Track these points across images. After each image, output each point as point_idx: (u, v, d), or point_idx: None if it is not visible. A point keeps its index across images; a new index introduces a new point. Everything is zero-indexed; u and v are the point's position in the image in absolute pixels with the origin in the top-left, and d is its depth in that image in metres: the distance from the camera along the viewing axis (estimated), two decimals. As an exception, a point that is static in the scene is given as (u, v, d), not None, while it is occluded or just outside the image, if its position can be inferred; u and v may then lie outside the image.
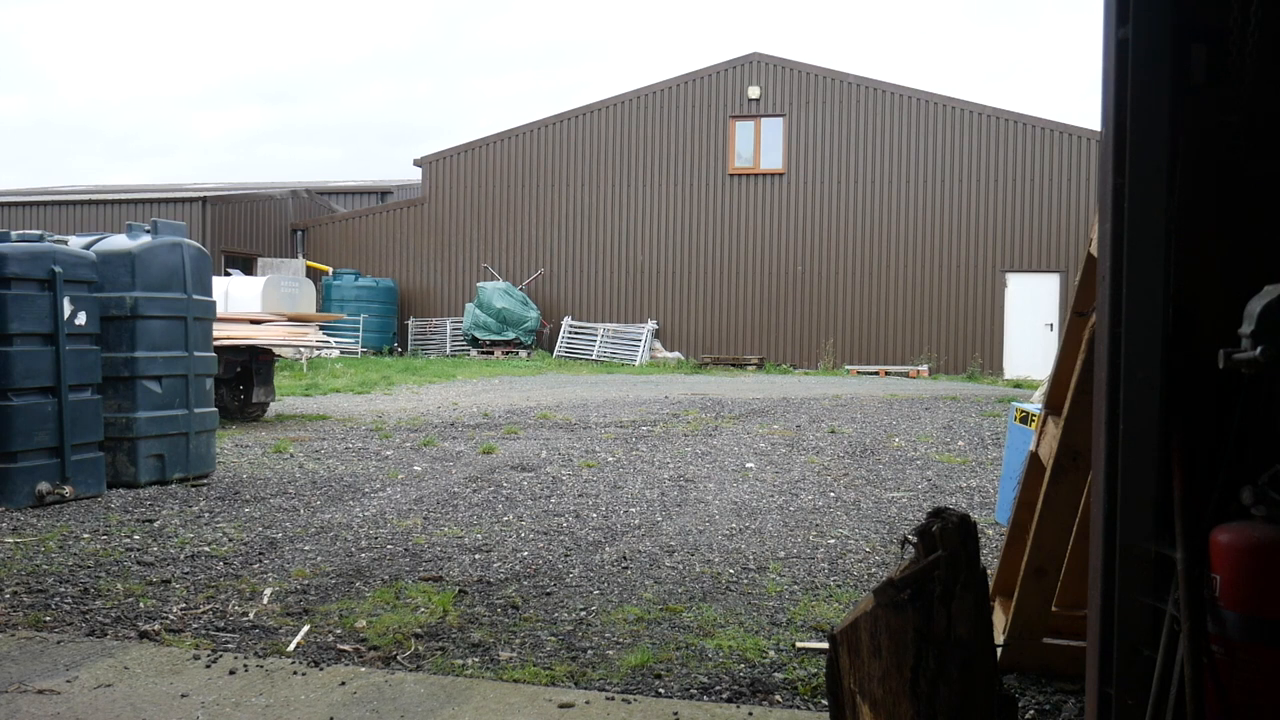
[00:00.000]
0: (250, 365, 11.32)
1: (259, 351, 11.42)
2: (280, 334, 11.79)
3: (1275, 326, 1.96)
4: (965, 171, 22.52)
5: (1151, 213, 2.17)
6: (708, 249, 23.79)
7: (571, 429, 10.77)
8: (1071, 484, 3.23)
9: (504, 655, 3.79)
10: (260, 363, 11.44)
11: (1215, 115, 2.18)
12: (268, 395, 11.59)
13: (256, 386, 11.42)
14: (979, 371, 21.81)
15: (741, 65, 23.73)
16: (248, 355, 11.28)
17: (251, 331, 11.47)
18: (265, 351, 11.51)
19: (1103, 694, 2.22)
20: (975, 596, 2.33)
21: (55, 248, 6.67)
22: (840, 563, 5.24)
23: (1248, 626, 2.00)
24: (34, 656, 3.73)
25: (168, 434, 7.34)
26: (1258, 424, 2.15)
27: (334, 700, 3.34)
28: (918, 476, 7.98)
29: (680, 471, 8.08)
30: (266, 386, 11.55)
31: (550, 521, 6.15)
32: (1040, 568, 3.37)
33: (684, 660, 3.75)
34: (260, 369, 11.42)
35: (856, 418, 12.05)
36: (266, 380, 11.54)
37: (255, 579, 4.80)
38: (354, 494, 7.01)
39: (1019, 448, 5.67)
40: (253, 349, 11.32)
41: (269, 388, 11.60)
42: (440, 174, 25.29)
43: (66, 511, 6.33)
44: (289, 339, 11.86)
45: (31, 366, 6.43)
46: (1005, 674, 3.49)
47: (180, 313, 7.49)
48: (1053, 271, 21.92)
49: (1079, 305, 3.42)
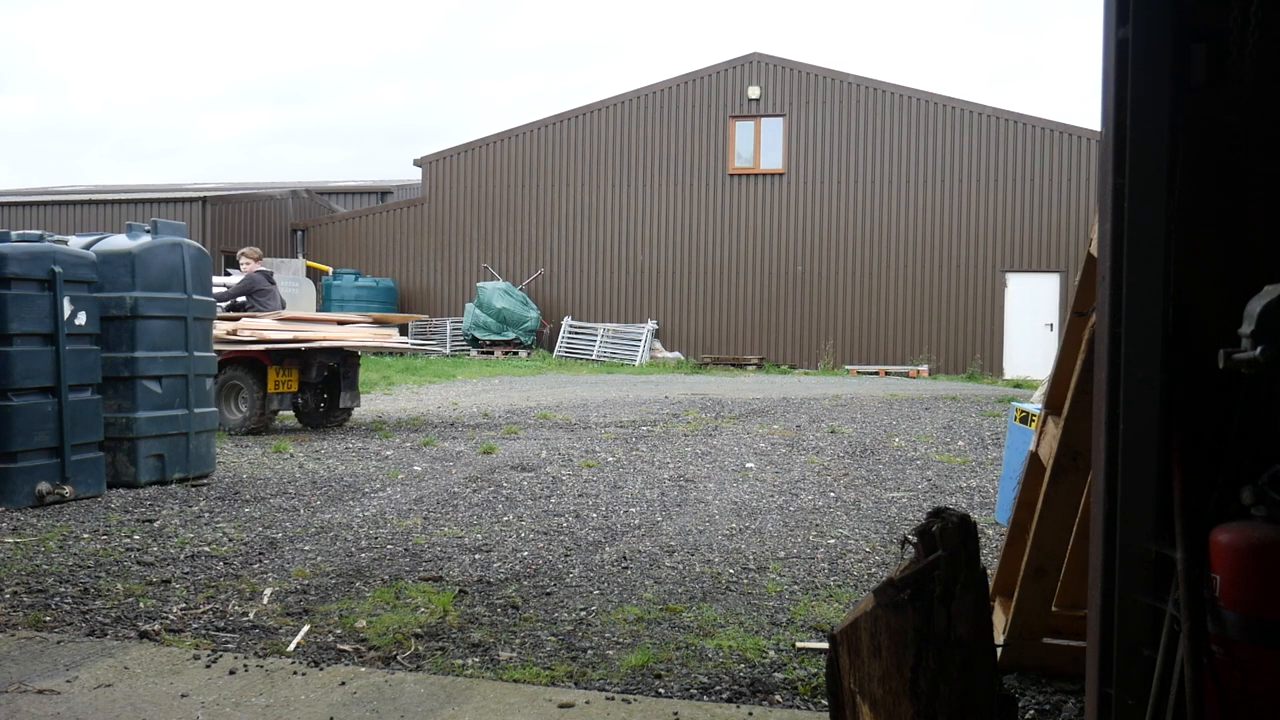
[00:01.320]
0: (338, 369, 10.83)
1: (345, 354, 10.93)
2: (366, 335, 11.17)
3: (1275, 326, 1.96)
4: (965, 171, 22.52)
5: (1151, 213, 2.17)
6: (708, 249, 23.78)
7: (571, 429, 10.77)
8: (1071, 484, 3.23)
9: (504, 655, 3.78)
10: (348, 366, 10.93)
11: (1215, 115, 2.18)
12: (354, 401, 11.06)
13: (343, 391, 10.90)
14: (979, 371, 21.81)
15: (741, 65, 23.73)
16: (338, 358, 10.80)
17: (341, 333, 10.87)
18: (352, 354, 11.03)
19: (1103, 694, 2.22)
20: (975, 596, 2.33)
21: (55, 248, 6.67)
22: (840, 563, 5.24)
23: (1248, 627, 2.00)
24: (34, 656, 3.73)
25: (168, 434, 7.34)
26: (1258, 424, 2.15)
27: (334, 700, 3.34)
28: (918, 476, 7.98)
29: (680, 471, 8.07)
30: (353, 391, 11.01)
31: (550, 521, 6.15)
32: (1040, 568, 3.37)
33: (684, 660, 3.75)
34: (347, 373, 10.91)
35: (856, 418, 12.05)
36: (353, 385, 11.00)
37: (255, 579, 4.80)
38: (354, 494, 7.01)
39: (1019, 448, 5.67)
40: (342, 351, 10.82)
41: (355, 393, 11.06)
42: (440, 174, 25.29)
43: (66, 511, 6.33)
44: (375, 340, 11.26)
45: (31, 366, 6.43)
46: (1005, 674, 3.49)
47: (180, 313, 7.48)
48: (1053, 271, 21.92)
49: (1079, 305, 3.41)
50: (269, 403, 10.19)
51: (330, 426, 10.93)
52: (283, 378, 10.30)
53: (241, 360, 10.15)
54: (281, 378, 10.29)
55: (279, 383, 10.27)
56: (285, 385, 10.35)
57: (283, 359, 10.27)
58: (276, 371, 10.23)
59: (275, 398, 10.23)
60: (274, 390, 10.21)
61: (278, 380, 10.25)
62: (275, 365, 10.21)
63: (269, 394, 10.16)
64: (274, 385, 10.21)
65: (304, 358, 10.42)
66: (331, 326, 11.02)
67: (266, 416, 10.31)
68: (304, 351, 10.32)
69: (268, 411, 10.26)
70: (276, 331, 10.13)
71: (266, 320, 10.33)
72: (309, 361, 10.46)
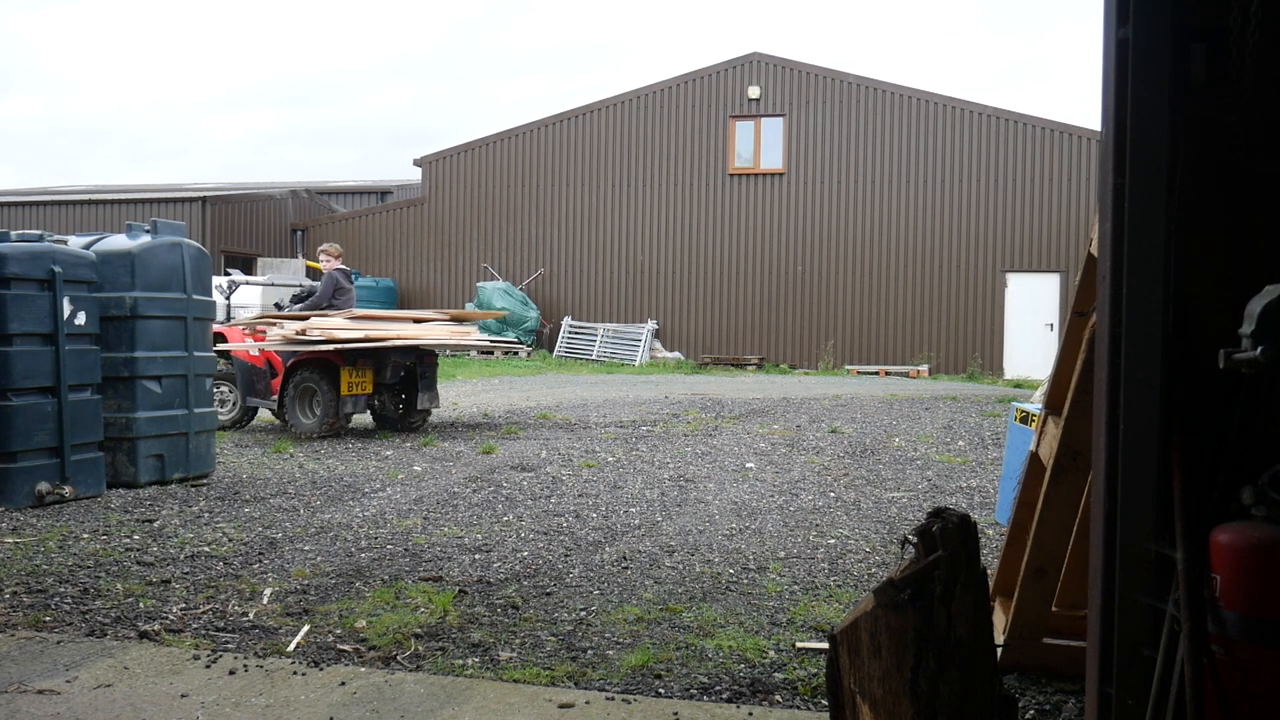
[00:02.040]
0: (415, 368, 10.33)
1: (422, 353, 10.41)
2: (444, 333, 10.67)
3: (1275, 326, 1.96)
4: (965, 171, 22.52)
5: (1151, 213, 2.17)
6: (708, 249, 23.78)
7: (571, 429, 10.77)
8: (1071, 484, 3.22)
9: (504, 655, 3.78)
10: (425, 365, 10.41)
11: (1215, 115, 2.18)
12: (432, 402, 10.52)
13: (421, 392, 10.36)
14: (979, 371, 21.80)
15: (741, 65, 23.73)
16: (414, 357, 10.32)
17: (416, 331, 10.37)
18: (430, 354, 10.56)
19: (1103, 694, 2.22)
20: (975, 596, 2.33)
21: (55, 248, 6.67)
22: (840, 563, 5.24)
23: (1248, 627, 2.00)
24: (34, 656, 3.73)
25: (167, 434, 7.34)
26: (1258, 424, 2.15)
27: (334, 700, 3.34)
28: (918, 476, 7.98)
29: (680, 471, 8.07)
30: (431, 392, 10.48)
31: (550, 521, 6.15)
32: (1040, 568, 3.37)
33: (684, 660, 3.75)
34: (425, 372, 10.39)
35: (856, 418, 12.05)
36: (430, 385, 10.47)
37: (255, 579, 4.80)
38: (354, 494, 7.01)
39: (1019, 448, 5.67)
40: (418, 350, 10.36)
41: (433, 394, 10.54)
42: (440, 174, 25.29)
43: (66, 511, 6.32)
44: (453, 338, 10.77)
45: (31, 366, 6.43)
46: (1005, 674, 3.49)
47: (180, 313, 7.48)
48: (1053, 271, 21.92)
49: (1079, 305, 3.41)
50: (343, 405, 9.82)
51: (406, 431, 10.41)
52: (356, 379, 9.89)
53: (314, 361, 9.82)
54: (355, 379, 9.87)
55: (352, 384, 9.84)
56: (359, 387, 9.93)
57: (355, 359, 9.85)
58: (349, 372, 9.81)
59: (349, 400, 9.84)
60: (348, 393, 9.80)
61: (351, 382, 9.83)
62: (348, 366, 9.80)
63: (342, 396, 9.77)
64: (347, 387, 9.79)
65: (378, 358, 9.99)
66: (406, 324, 10.55)
67: (341, 420, 9.95)
68: (378, 351, 9.88)
69: (342, 415, 9.89)
70: (347, 330, 9.71)
71: (336, 319, 9.94)
72: (384, 362, 10.02)
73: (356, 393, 9.90)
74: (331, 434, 9.87)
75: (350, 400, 9.84)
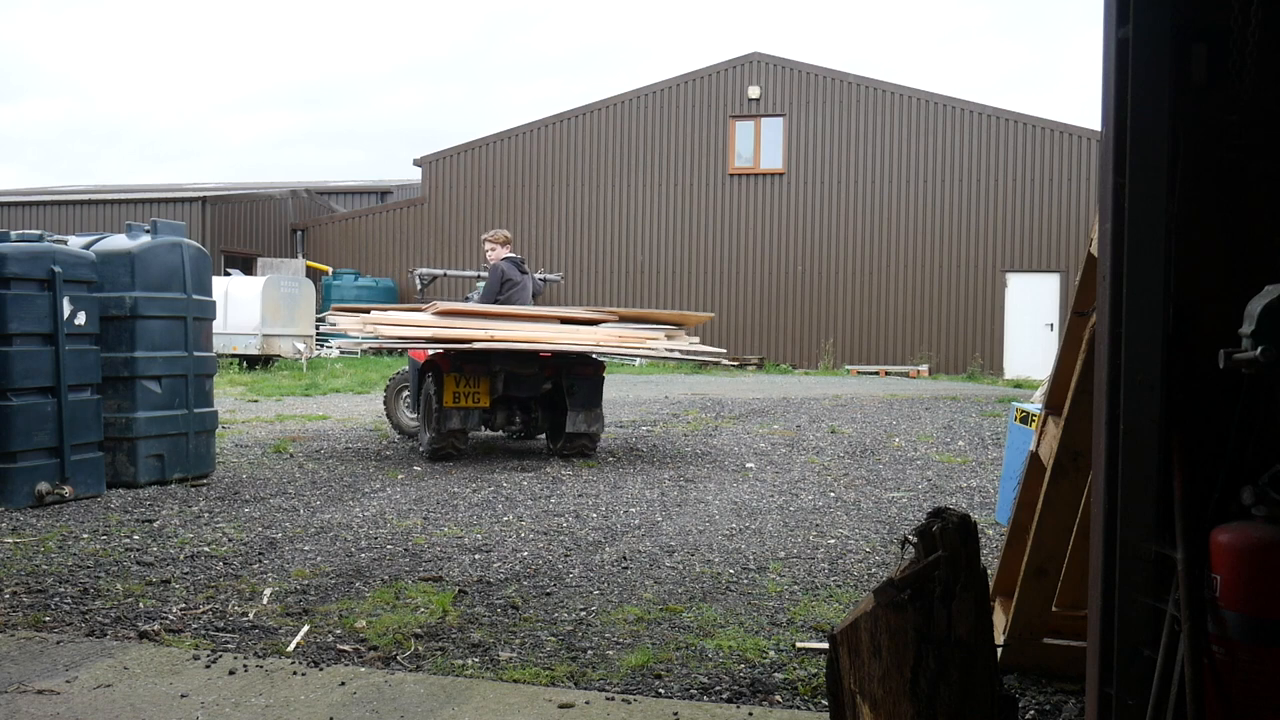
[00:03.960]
0: (559, 381, 8.36)
1: (573, 363, 8.41)
2: (604, 337, 8.36)
3: (1275, 326, 1.95)
4: (965, 171, 22.52)
5: (1151, 213, 2.17)
6: (708, 249, 23.79)
7: (571, 429, 10.75)
8: (1071, 484, 3.22)
9: (504, 655, 3.78)
10: (577, 378, 8.32)
11: (1215, 115, 2.18)
12: (590, 424, 8.36)
13: (572, 411, 8.28)
14: (979, 371, 21.80)
15: (741, 65, 23.73)
16: (555, 368, 8.35)
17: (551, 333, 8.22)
18: (583, 363, 8.46)
19: (1103, 694, 2.22)
20: (975, 596, 2.33)
21: (55, 248, 6.67)
22: (840, 563, 5.24)
23: (1248, 627, 1.99)
24: (34, 656, 3.73)
25: (167, 434, 7.33)
26: (1258, 424, 2.15)
27: (334, 700, 3.34)
28: (918, 476, 7.98)
29: (680, 471, 8.07)
30: (590, 412, 8.32)
31: (550, 521, 6.15)
32: (1040, 568, 3.37)
33: (684, 660, 3.75)
34: (575, 387, 8.29)
35: (856, 418, 12.05)
36: (588, 403, 8.31)
37: (255, 579, 4.80)
38: (354, 494, 7.01)
39: (1019, 448, 5.67)
40: (566, 359, 8.37)
41: (594, 413, 8.35)
42: (440, 174, 25.29)
43: (66, 511, 6.32)
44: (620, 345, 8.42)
45: (31, 366, 6.42)
46: (1005, 674, 3.48)
47: (180, 313, 7.48)
48: (1053, 271, 21.92)
49: (1079, 305, 3.41)
50: (446, 419, 8.11)
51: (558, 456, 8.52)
52: (465, 389, 8.11)
53: (433, 364, 8.34)
54: (464, 389, 8.11)
55: (459, 395, 8.09)
56: (469, 399, 8.13)
57: (461, 365, 8.14)
58: (455, 380, 8.08)
59: (455, 413, 8.10)
60: (452, 404, 8.08)
61: (457, 392, 8.08)
62: (453, 372, 8.10)
63: (445, 409, 8.09)
64: (451, 398, 8.07)
65: (491, 364, 8.16)
66: (543, 325, 8.30)
67: (445, 436, 8.21)
68: (488, 355, 8.06)
69: (445, 430, 8.16)
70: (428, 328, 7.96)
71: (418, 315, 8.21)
72: (493, 369, 8.17)
73: (465, 405, 8.13)
74: (441, 456, 8.30)
75: (456, 414, 8.12)
